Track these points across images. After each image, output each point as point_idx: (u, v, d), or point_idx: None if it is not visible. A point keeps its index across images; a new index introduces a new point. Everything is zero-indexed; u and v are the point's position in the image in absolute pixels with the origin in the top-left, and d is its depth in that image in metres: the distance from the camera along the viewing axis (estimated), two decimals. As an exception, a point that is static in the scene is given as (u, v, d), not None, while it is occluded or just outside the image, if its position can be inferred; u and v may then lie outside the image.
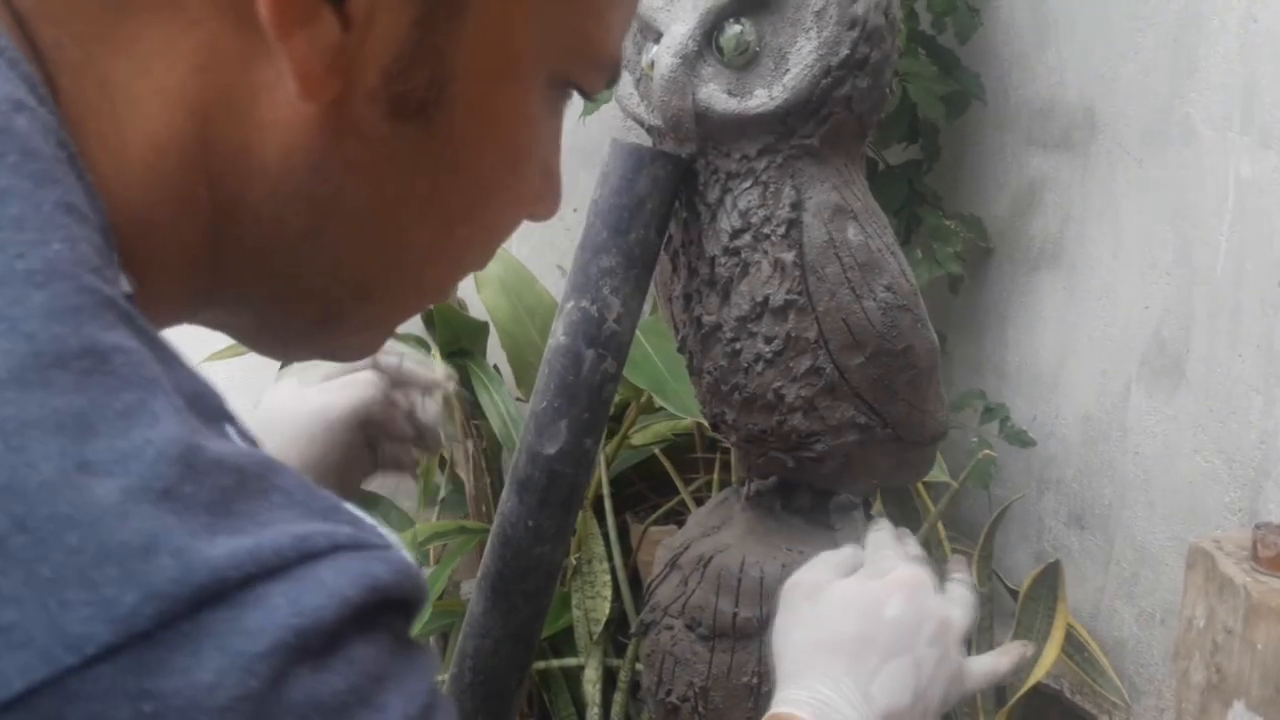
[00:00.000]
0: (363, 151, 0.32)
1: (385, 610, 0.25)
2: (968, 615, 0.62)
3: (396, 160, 0.33)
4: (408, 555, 0.27)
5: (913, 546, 0.67)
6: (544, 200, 0.39)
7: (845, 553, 0.64)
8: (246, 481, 0.24)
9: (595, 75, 0.37)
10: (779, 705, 0.56)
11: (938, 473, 1.48)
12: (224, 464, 0.24)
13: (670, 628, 0.76)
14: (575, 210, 0.72)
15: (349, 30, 0.30)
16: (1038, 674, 1.52)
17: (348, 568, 0.24)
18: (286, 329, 0.37)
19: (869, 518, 0.75)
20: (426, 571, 1.81)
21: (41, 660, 0.21)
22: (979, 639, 1.60)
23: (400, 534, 1.81)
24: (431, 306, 0.39)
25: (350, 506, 0.27)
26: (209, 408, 0.26)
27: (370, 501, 2.04)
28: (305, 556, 0.24)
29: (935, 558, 0.67)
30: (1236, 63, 1.39)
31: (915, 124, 1.74)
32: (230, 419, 0.27)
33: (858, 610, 0.58)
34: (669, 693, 0.75)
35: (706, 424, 0.75)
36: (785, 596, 0.62)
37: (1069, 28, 1.64)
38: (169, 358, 0.26)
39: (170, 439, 0.23)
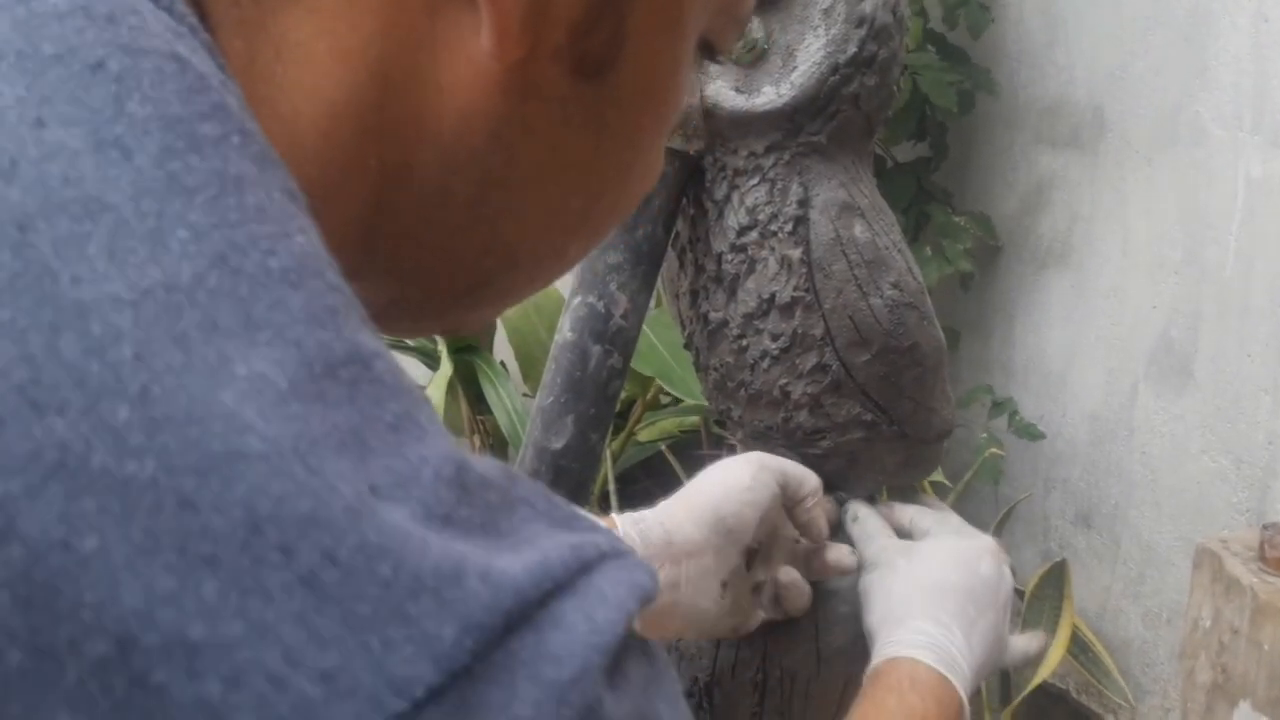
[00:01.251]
0: (541, 114, 0.30)
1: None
2: (1011, 592, 0.66)
3: (571, 124, 0.31)
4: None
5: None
6: (656, 167, 0.38)
7: (887, 525, 0.68)
8: (503, 496, 0.23)
9: (733, 31, 0.36)
10: (891, 648, 0.57)
11: (937, 475, 1.49)
12: (486, 480, 0.22)
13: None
14: (583, 206, 0.72)
15: None
16: (1043, 673, 1.52)
17: (620, 578, 0.23)
18: (427, 302, 0.35)
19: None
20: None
21: (372, 708, 0.19)
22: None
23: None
24: (555, 282, 0.38)
25: (581, 511, 0.26)
26: (430, 414, 0.24)
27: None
28: (584, 568, 0.22)
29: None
30: (1247, 62, 1.39)
31: (924, 121, 1.74)
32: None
33: (958, 563, 0.61)
34: (673, 688, 0.75)
35: (713, 414, 0.75)
36: (876, 559, 0.64)
37: (1079, 26, 1.64)
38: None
39: (442, 457, 0.21)
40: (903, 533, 0.70)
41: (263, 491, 0.19)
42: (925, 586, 0.60)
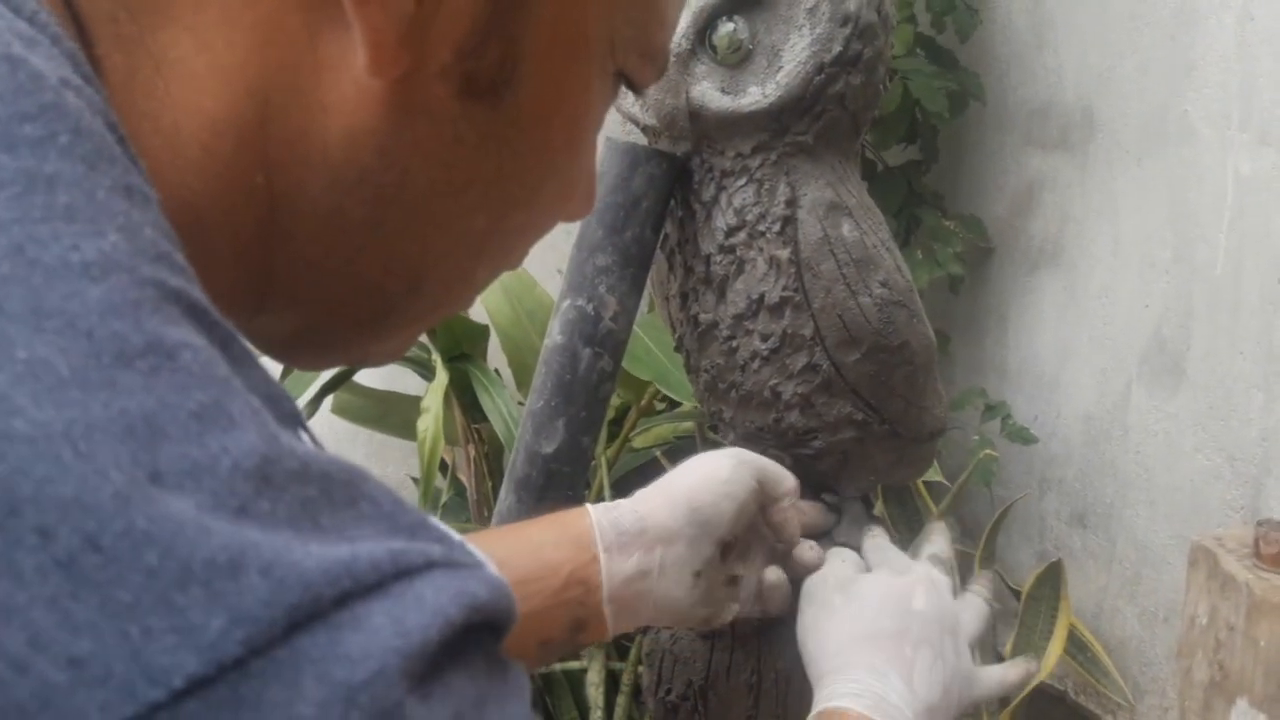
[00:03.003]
0: (431, 132, 0.30)
1: (479, 630, 0.23)
2: (978, 622, 0.65)
3: (464, 142, 0.31)
4: (498, 573, 0.25)
5: (942, 545, 0.70)
6: (582, 198, 0.38)
7: (853, 555, 0.68)
8: (332, 491, 0.22)
9: (649, 67, 0.36)
10: (829, 700, 0.56)
11: (932, 473, 1.49)
12: (307, 474, 0.22)
13: (670, 626, 0.76)
14: (572, 210, 0.72)
15: (422, 3, 0.28)
16: (1041, 674, 1.52)
17: (446, 585, 0.22)
18: (331, 332, 0.35)
19: (871, 517, 0.75)
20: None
21: (123, 697, 0.18)
22: (981, 641, 1.59)
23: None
24: (465, 309, 0.38)
25: (437, 523, 0.25)
26: (283, 412, 0.24)
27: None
28: (402, 572, 0.22)
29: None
30: (1234, 61, 1.39)
31: (914, 125, 1.74)
32: (303, 424, 0.25)
33: (890, 602, 0.60)
34: (669, 692, 0.75)
35: (705, 417, 0.75)
36: (813, 592, 0.64)
37: (1067, 28, 1.65)
38: (243, 355, 0.24)
39: (246, 449, 0.21)
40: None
41: (24, 473, 0.19)
42: (858, 634, 0.59)
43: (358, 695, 0.20)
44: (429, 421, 1.56)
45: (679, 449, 1.84)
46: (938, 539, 0.71)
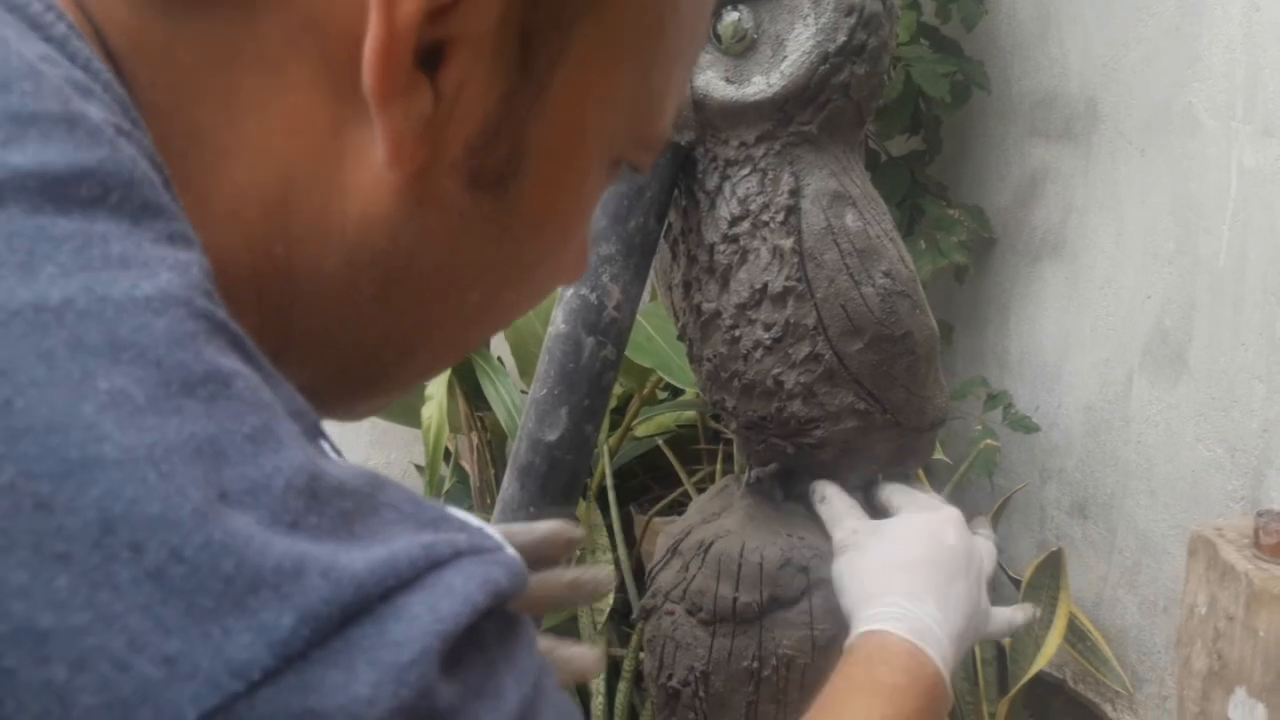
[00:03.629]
0: (439, 220, 0.33)
1: (503, 612, 0.26)
2: (991, 562, 0.69)
3: (468, 230, 0.34)
4: (513, 552, 0.28)
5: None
6: (577, 265, 0.41)
7: (855, 507, 0.71)
8: (360, 503, 0.25)
9: (646, 155, 0.38)
10: (870, 623, 0.59)
11: (937, 454, 1.49)
12: (343, 489, 0.24)
13: (671, 613, 0.76)
14: (576, 199, 0.73)
15: (438, 102, 0.30)
16: (1040, 663, 1.53)
17: (473, 573, 0.25)
18: (327, 392, 0.36)
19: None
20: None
21: (210, 689, 0.21)
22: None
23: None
24: (451, 367, 0.40)
25: (458, 512, 0.28)
26: (308, 424, 0.27)
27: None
28: (435, 564, 0.24)
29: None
30: (1239, 51, 1.39)
31: (918, 115, 1.74)
32: (324, 434, 0.28)
33: (924, 536, 0.63)
34: (670, 677, 0.76)
35: (707, 406, 0.75)
36: (844, 541, 0.67)
37: (1071, 18, 1.64)
38: (273, 378, 0.26)
39: (296, 468, 0.23)
40: (880, 512, 0.71)
41: (115, 495, 0.21)
42: (894, 563, 0.62)
43: (406, 674, 0.22)
44: (433, 409, 1.56)
45: (681, 438, 1.84)
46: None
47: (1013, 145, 1.79)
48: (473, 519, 0.28)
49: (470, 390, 1.74)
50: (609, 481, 1.68)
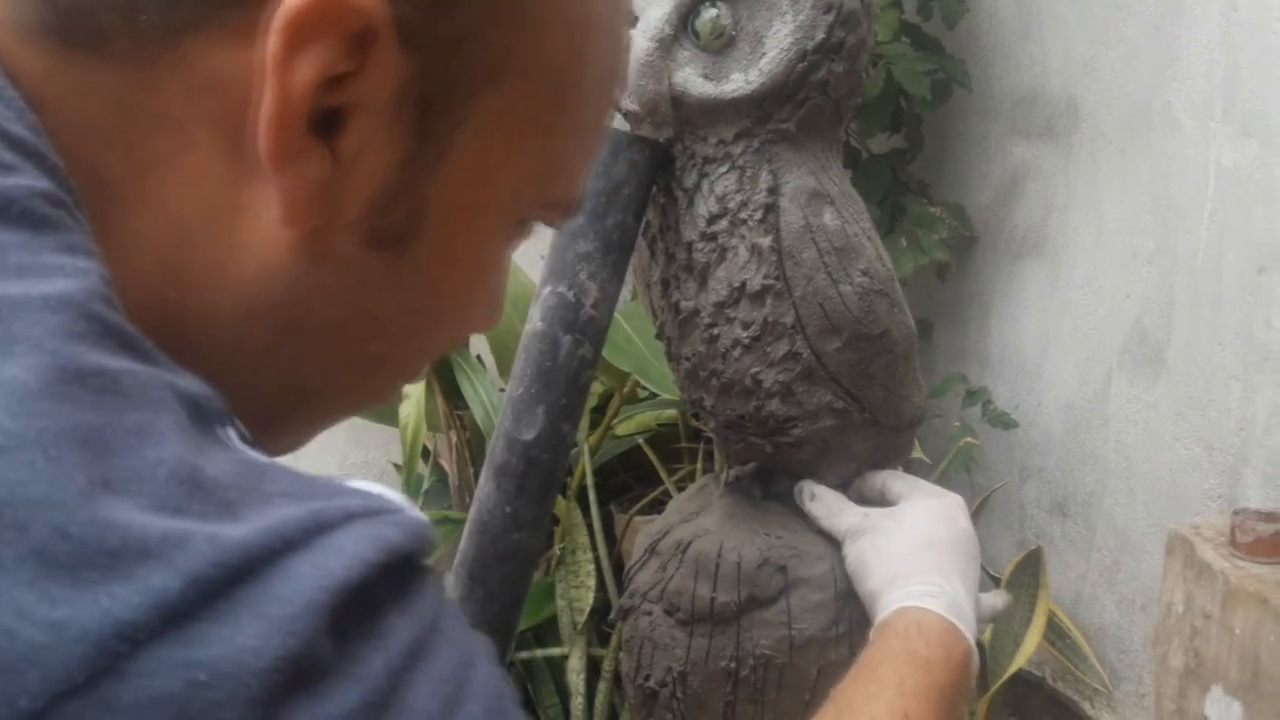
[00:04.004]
0: (336, 276, 0.34)
1: (407, 567, 0.27)
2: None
3: (367, 285, 0.35)
4: (418, 513, 0.29)
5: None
6: (488, 315, 0.42)
7: (846, 500, 0.71)
8: (246, 491, 0.26)
9: (554, 215, 0.40)
10: (906, 600, 0.60)
11: (917, 452, 1.49)
12: (225, 480, 0.26)
13: (649, 613, 0.76)
14: (553, 196, 0.72)
15: (336, 166, 0.32)
16: (1019, 660, 1.53)
17: (363, 534, 0.26)
18: None
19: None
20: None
21: (98, 651, 0.22)
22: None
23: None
24: (369, 409, 0.42)
25: (358, 484, 0.29)
26: (211, 411, 0.28)
27: (354, 492, 2.04)
28: (324, 527, 0.26)
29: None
30: (1218, 51, 1.40)
31: (899, 113, 1.74)
32: (231, 421, 0.29)
33: (942, 518, 0.65)
34: (647, 678, 0.75)
35: (686, 405, 0.75)
36: (857, 527, 0.67)
37: (1051, 17, 1.65)
38: (172, 369, 0.28)
39: (178, 459, 0.25)
40: (873, 501, 0.71)
41: (1, 478, 0.22)
42: (922, 543, 0.63)
43: (292, 625, 0.24)
44: (411, 408, 1.55)
45: (662, 437, 1.84)
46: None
47: (994, 144, 1.79)
48: (376, 487, 0.29)
49: (449, 389, 1.73)
50: (589, 480, 1.68)
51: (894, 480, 0.72)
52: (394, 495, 0.29)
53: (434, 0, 0.31)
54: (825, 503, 0.71)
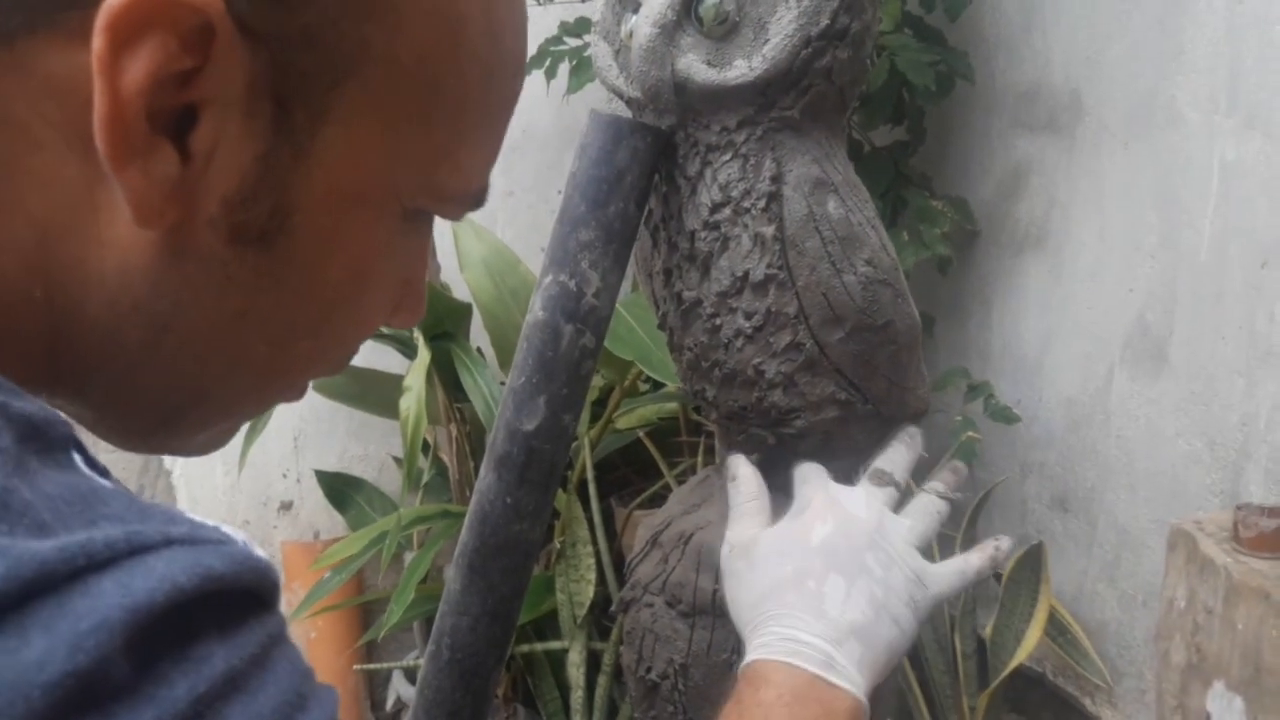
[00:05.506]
0: (201, 272, 0.33)
1: (238, 599, 0.27)
2: (924, 521, 0.64)
3: (235, 281, 0.34)
4: (259, 552, 0.29)
5: (896, 458, 0.68)
6: (404, 310, 0.41)
7: (754, 501, 0.66)
8: (69, 514, 0.26)
9: (450, 208, 0.39)
10: (747, 657, 0.58)
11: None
12: (44, 503, 0.25)
13: (650, 605, 0.75)
14: (559, 191, 0.71)
15: (190, 163, 0.31)
16: (1020, 656, 1.53)
17: (179, 558, 0.26)
18: (126, 425, 0.38)
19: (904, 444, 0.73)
20: (409, 555, 1.81)
21: None
22: (962, 622, 1.60)
23: (383, 518, 1.80)
24: (293, 400, 0.43)
25: (196, 518, 0.29)
26: (52, 435, 0.28)
27: (353, 485, 2.03)
28: (136, 549, 0.25)
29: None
30: (1222, 45, 1.39)
31: (901, 106, 1.73)
32: (78, 447, 0.29)
33: (787, 547, 0.61)
34: (649, 670, 0.75)
35: (688, 396, 0.74)
36: (724, 565, 0.65)
37: (1055, 10, 1.64)
38: (9, 392, 0.27)
39: None
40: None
41: None
42: (762, 591, 0.60)
43: (81, 641, 0.23)
44: (411, 401, 1.55)
45: (663, 430, 1.83)
46: (895, 449, 0.69)
47: (996, 137, 1.78)
48: (226, 527, 0.29)
49: (449, 382, 1.72)
50: (590, 474, 1.67)
51: (796, 484, 0.67)
52: (235, 533, 0.29)
53: None
54: (736, 493, 0.67)
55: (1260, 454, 1.39)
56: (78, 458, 0.28)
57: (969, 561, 0.64)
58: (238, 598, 0.27)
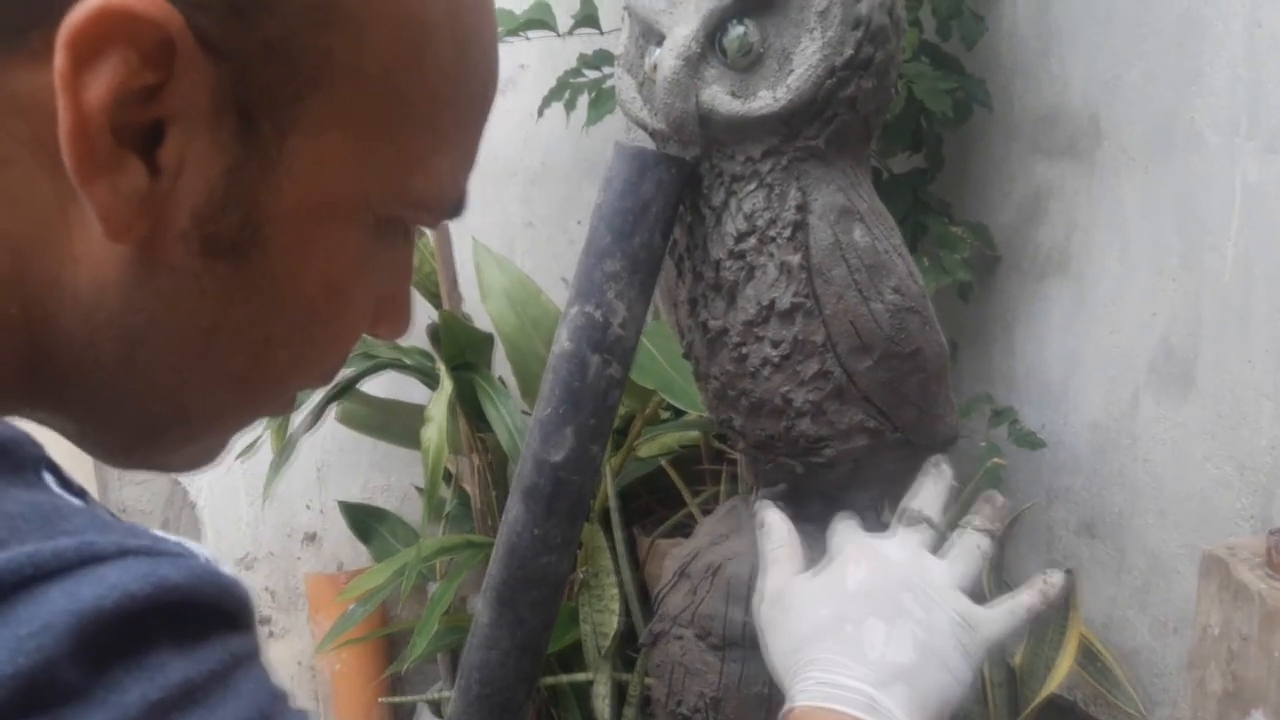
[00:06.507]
0: (174, 286, 0.34)
1: (183, 609, 0.27)
2: (966, 562, 0.62)
3: (209, 294, 0.34)
4: (224, 569, 0.29)
5: (927, 497, 0.66)
6: (387, 322, 0.41)
7: (784, 548, 0.65)
8: (28, 530, 0.26)
9: (425, 216, 0.39)
10: (787, 705, 0.57)
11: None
12: (3, 520, 0.26)
13: (680, 637, 0.75)
14: (579, 222, 0.72)
15: (158, 177, 0.31)
16: (1051, 685, 1.51)
17: (133, 567, 0.26)
18: (110, 440, 0.38)
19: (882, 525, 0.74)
20: (432, 586, 1.81)
21: None
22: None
23: (406, 549, 1.80)
24: (283, 413, 0.42)
25: (159, 533, 0.29)
26: (21, 455, 0.28)
27: (376, 516, 2.03)
28: (88, 559, 0.25)
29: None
30: (1242, 67, 1.39)
31: (919, 132, 1.74)
32: (49, 467, 0.29)
33: (822, 594, 0.60)
34: (679, 704, 0.74)
35: (714, 425, 0.73)
36: (760, 617, 0.63)
37: (1072, 35, 1.64)
38: None
39: None
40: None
41: None
42: (799, 640, 0.59)
43: (22, 645, 0.23)
44: (433, 431, 1.55)
45: (684, 458, 1.83)
46: (924, 486, 0.67)
47: (1015, 162, 1.78)
48: (176, 540, 0.29)
49: (471, 411, 1.73)
50: (612, 503, 1.67)
51: (830, 536, 0.65)
52: (200, 549, 0.29)
53: (234, 8, 0.31)
54: (768, 540, 0.66)
55: (1291, 478, 1.38)
56: (49, 477, 0.28)
57: (1019, 601, 0.61)
58: (197, 611, 0.27)
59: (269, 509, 2.04)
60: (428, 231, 1.69)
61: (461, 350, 1.71)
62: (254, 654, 0.29)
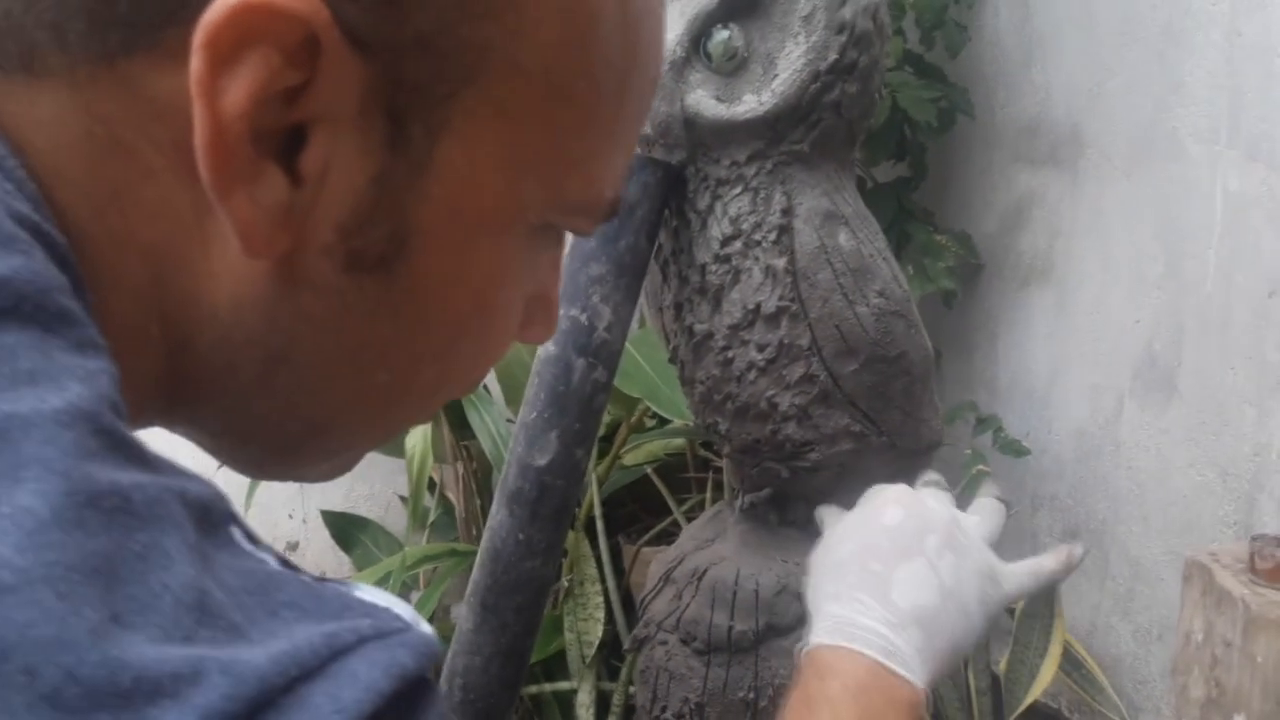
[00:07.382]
0: (316, 303, 0.32)
1: (412, 690, 0.26)
2: (994, 518, 0.64)
3: (353, 311, 0.32)
4: (425, 629, 0.28)
5: (935, 478, 0.68)
6: (536, 325, 0.39)
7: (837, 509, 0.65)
8: (255, 609, 0.25)
9: (581, 221, 0.36)
10: (808, 640, 0.56)
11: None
12: (230, 599, 0.25)
13: (664, 643, 0.74)
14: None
15: (300, 187, 0.29)
16: (1035, 692, 1.51)
17: (377, 659, 0.25)
18: (244, 454, 0.37)
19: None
20: (415, 595, 1.79)
21: None
22: (975, 658, 1.58)
23: (388, 558, 1.79)
24: (424, 422, 0.39)
25: (362, 594, 0.28)
26: (217, 514, 0.27)
27: (359, 525, 2.02)
28: (337, 652, 0.25)
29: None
30: (1222, 76, 1.40)
31: (903, 141, 1.74)
32: (235, 520, 0.28)
33: (854, 529, 0.60)
34: (664, 709, 0.74)
35: (700, 432, 0.73)
36: (812, 568, 0.63)
37: (1054, 45, 1.65)
38: (178, 474, 0.26)
39: (184, 584, 0.24)
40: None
41: (9, 621, 0.21)
42: (823, 572, 0.59)
43: None
44: (417, 439, 1.54)
45: (670, 466, 1.82)
46: (928, 476, 0.69)
47: (998, 171, 1.79)
48: (382, 597, 0.28)
49: (455, 419, 1.72)
50: (597, 511, 1.66)
51: (825, 511, 0.67)
52: (401, 606, 0.28)
53: None
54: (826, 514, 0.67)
55: (1274, 484, 1.38)
56: (236, 532, 0.27)
57: (1042, 564, 0.62)
58: (420, 688, 0.26)
59: (251, 518, 2.03)
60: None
61: (446, 357, 1.70)
62: (443, 701, 0.28)
